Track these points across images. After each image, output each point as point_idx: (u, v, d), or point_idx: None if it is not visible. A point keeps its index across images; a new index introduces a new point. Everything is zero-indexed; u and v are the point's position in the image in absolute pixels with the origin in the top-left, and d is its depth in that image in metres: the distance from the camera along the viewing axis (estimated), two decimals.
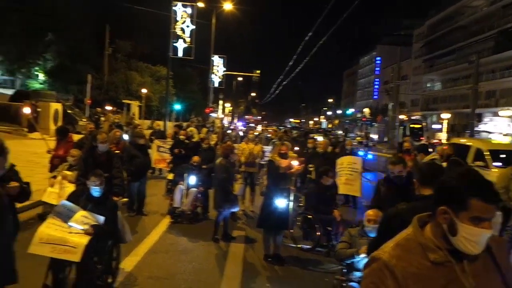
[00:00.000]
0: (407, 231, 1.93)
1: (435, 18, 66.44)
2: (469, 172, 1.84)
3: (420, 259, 1.81)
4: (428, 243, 1.84)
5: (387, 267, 1.80)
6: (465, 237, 1.77)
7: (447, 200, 1.81)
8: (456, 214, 1.77)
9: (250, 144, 11.35)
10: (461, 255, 1.81)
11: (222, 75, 43.35)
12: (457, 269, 1.79)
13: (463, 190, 1.76)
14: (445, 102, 62.02)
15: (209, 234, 8.43)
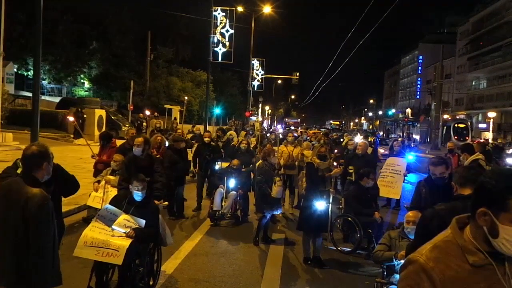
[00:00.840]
0: (446, 233, 1.88)
1: (480, 14, 64.46)
2: (508, 172, 1.78)
3: (459, 262, 1.76)
4: (467, 245, 1.79)
5: (424, 270, 1.76)
6: (507, 239, 1.71)
7: (486, 201, 1.76)
8: (497, 215, 1.72)
9: (289, 147, 11.34)
10: (503, 258, 1.76)
11: (261, 78, 43.51)
12: (499, 272, 1.74)
13: (503, 191, 1.71)
14: (491, 100, 60.02)
15: (248, 237, 8.49)
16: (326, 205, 7.17)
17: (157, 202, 6.23)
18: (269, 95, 73.08)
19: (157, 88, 42.30)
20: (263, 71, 43.57)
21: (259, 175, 8.32)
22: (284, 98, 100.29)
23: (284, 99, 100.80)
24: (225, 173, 10.06)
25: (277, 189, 8.10)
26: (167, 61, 45.90)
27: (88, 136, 18.81)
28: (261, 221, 8.35)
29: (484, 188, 1.78)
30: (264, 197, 8.15)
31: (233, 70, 48.62)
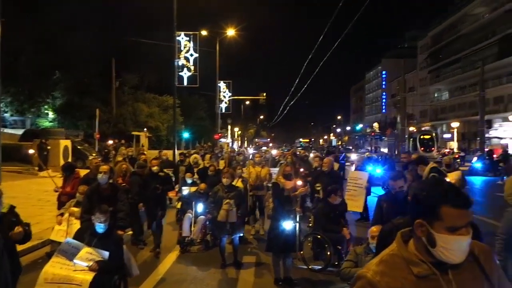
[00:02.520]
0: (392, 247, 1.92)
1: (438, 28, 66.67)
2: (438, 182, 1.82)
3: (405, 274, 1.79)
4: (411, 257, 1.83)
5: (371, 285, 1.80)
6: (444, 247, 1.75)
7: (421, 213, 1.81)
8: (432, 225, 1.76)
9: (257, 167, 11.34)
10: (446, 266, 1.79)
11: (229, 100, 43.64)
12: (442, 281, 1.77)
13: (434, 201, 1.75)
14: (454, 111, 61.74)
15: (219, 262, 8.38)
16: (293, 225, 7.16)
17: (121, 232, 6.11)
18: (238, 117, 73.25)
19: (123, 115, 41.90)
20: (230, 93, 43.74)
21: (211, 197, 8.34)
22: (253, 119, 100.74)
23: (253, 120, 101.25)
24: (193, 198, 9.97)
25: (223, 212, 7.99)
26: (132, 87, 45.61)
27: (54, 167, 18.37)
28: (220, 246, 8.31)
29: (417, 200, 1.83)
30: (213, 220, 8.14)
31: (200, 93, 48.62)
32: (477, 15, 56.13)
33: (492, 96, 50.06)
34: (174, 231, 10.60)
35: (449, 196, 1.74)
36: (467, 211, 1.75)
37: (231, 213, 8.11)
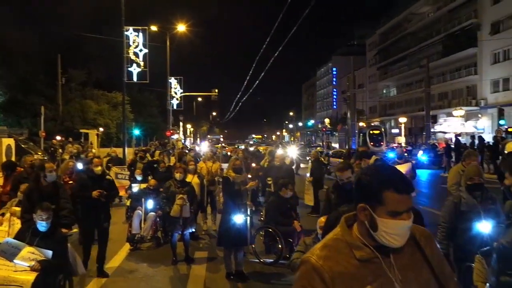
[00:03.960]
0: (335, 231, 1.93)
1: (386, 26, 68.49)
2: (381, 167, 1.84)
3: (347, 258, 1.81)
4: (354, 241, 1.84)
5: (315, 269, 1.80)
6: (385, 231, 1.77)
7: (364, 197, 1.82)
8: (374, 209, 1.78)
9: (208, 163, 11.25)
10: (388, 250, 1.81)
11: (180, 96, 43.13)
12: (384, 264, 1.79)
13: (377, 185, 1.77)
14: (401, 106, 63.63)
15: (170, 258, 8.25)
16: (244, 218, 7.14)
17: (65, 231, 5.89)
18: (190, 114, 72.66)
19: (71, 112, 40.58)
20: (182, 90, 43.23)
21: (163, 193, 8.24)
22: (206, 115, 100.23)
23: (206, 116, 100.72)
24: (143, 195, 9.78)
25: (177, 208, 7.92)
26: (80, 84, 44.23)
27: None
28: (171, 241, 8.24)
29: (361, 184, 1.84)
30: (166, 216, 8.05)
31: (151, 89, 47.81)
32: (422, 14, 58.04)
33: (437, 92, 51.94)
34: (123, 228, 10.35)
35: (392, 182, 1.76)
36: (408, 196, 1.78)
37: (185, 208, 8.06)
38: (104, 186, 7.43)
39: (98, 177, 7.53)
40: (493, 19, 42.26)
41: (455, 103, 47.65)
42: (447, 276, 1.98)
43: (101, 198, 7.24)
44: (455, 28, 48.23)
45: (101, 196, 7.22)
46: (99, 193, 7.17)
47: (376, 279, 1.77)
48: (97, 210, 7.30)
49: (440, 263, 1.96)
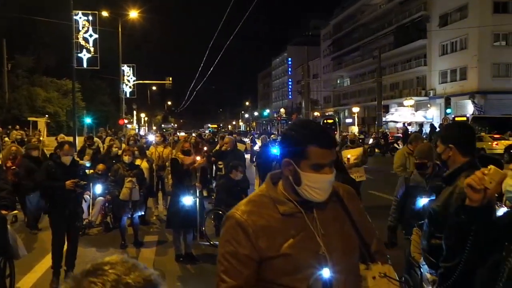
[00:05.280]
0: (261, 188, 1.97)
1: (339, 17, 69.50)
2: (305, 123, 1.88)
3: (271, 212, 1.84)
4: (279, 196, 1.87)
5: (239, 224, 1.82)
6: (308, 185, 1.81)
7: (289, 152, 1.85)
8: (298, 163, 1.81)
9: (159, 147, 11.12)
10: (312, 205, 1.86)
11: (133, 84, 42.35)
12: (307, 219, 1.83)
13: (301, 139, 1.81)
14: (355, 96, 64.97)
15: (119, 242, 8.15)
16: (193, 200, 7.12)
17: (5, 212, 5.68)
18: (144, 102, 71.49)
19: (18, 100, 39.03)
20: (135, 77, 42.45)
21: (111, 176, 8.14)
22: (160, 104, 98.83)
23: (160, 105, 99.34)
24: (91, 180, 9.57)
25: (126, 191, 7.85)
26: (28, 71, 42.55)
27: None
28: (119, 225, 8.16)
29: (286, 140, 1.88)
30: (115, 199, 7.95)
31: (103, 77, 46.57)
32: (375, 6, 59.23)
33: (389, 82, 53.35)
34: None
35: (315, 136, 1.79)
36: (331, 151, 1.82)
37: (134, 191, 8.00)
38: (77, 175, 6.49)
39: (69, 165, 6.50)
40: (441, 11, 43.67)
41: (405, 93, 49.08)
42: (370, 232, 2.06)
43: (76, 189, 6.33)
44: (405, 20, 49.57)
45: (76, 187, 6.30)
46: (73, 183, 6.24)
47: (298, 232, 1.81)
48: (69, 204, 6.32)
49: (362, 219, 2.03)
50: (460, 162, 2.92)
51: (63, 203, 6.29)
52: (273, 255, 1.78)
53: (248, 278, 1.80)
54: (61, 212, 6.30)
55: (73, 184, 6.25)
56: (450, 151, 2.96)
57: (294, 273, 1.77)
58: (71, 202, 6.37)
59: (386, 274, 1.92)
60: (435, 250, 2.93)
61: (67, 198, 6.29)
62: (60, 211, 6.31)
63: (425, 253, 3.19)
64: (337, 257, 1.82)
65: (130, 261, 1.06)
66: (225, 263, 1.82)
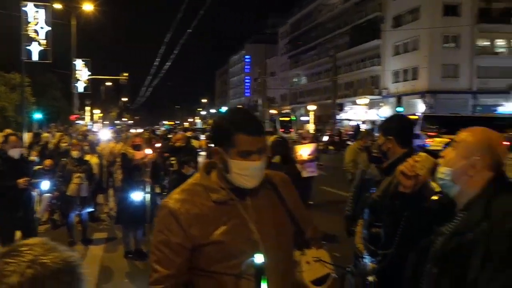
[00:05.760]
0: (194, 177, 1.98)
1: (297, 16, 70.13)
2: (233, 111, 1.90)
3: (203, 200, 1.84)
4: (212, 185, 1.88)
5: (171, 212, 1.82)
6: (237, 172, 1.83)
7: (218, 140, 1.88)
8: (227, 151, 1.83)
9: (110, 143, 10.90)
10: (245, 193, 1.87)
11: (87, 79, 41.28)
12: (240, 206, 1.85)
13: (228, 128, 1.82)
14: (311, 95, 65.70)
15: (67, 239, 7.93)
16: (143, 195, 7.01)
17: None
18: (99, 98, 69.88)
19: None
20: (90, 72, 41.37)
21: (59, 171, 7.99)
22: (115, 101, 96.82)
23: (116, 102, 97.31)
24: (37, 176, 9.25)
25: (74, 186, 7.66)
26: None
27: None
28: (67, 221, 7.97)
29: (215, 127, 1.91)
30: (62, 195, 7.77)
31: (55, 71, 45.14)
32: (332, 5, 60.09)
33: (344, 81, 54.26)
34: None
35: (242, 124, 1.80)
36: (258, 138, 1.82)
37: (83, 187, 7.81)
38: (29, 172, 6.07)
39: (18, 159, 6.04)
40: (395, 13, 44.81)
41: (360, 92, 50.11)
42: (305, 219, 2.08)
43: (29, 188, 5.91)
44: (361, 20, 50.56)
45: (30, 186, 5.88)
46: (27, 181, 5.80)
47: (230, 219, 1.82)
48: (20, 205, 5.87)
49: (297, 206, 2.05)
50: (399, 153, 2.99)
51: (15, 204, 5.78)
52: (206, 243, 1.79)
53: (181, 267, 1.82)
54: (13, 215, 5.77)
55: (26, 183, 5.82)
56: (390, 143, 3.04)
57: (227, 260, 1.78)
58: (24, 203, 5.91)
59: (320, 258, 1.95)
60: (375, 239, 3.01)
61: (19, 198, 5.82)
62: (10, 213, 5.76)
63: (365, 242, 3.26)
64: (270, 243, 1.83)
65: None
66: (158, 253, 1.83)
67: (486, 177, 1.82)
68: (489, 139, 1.84)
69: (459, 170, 1.85)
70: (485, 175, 1.82)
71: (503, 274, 1.61)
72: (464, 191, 1.86)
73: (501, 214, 1.68)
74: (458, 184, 1.86)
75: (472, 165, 1.82)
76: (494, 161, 1.82)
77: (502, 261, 1.62)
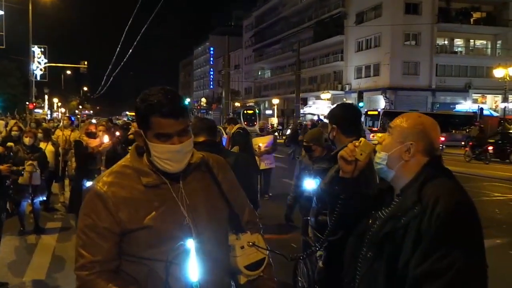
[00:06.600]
0: (125, 159, 1.90)
1: (261, 9, 70.08)
2: (150, 93, 1.79)
3: (134, 184, 1.79)
4: (143, 167, 1.82)
5: (98, 195, 1.77)
6: (156, 156, 1.77)
7: (138, 122, 1.81)
8: (146, 134, 1.77)
9: (66, 131, 10.63)
10: (177, 176, 1.83)
11: (45, 67, 40.08)
12: (172, 190, 1.80)
13: (144, 110, 1.76)
14: (275, 88, 65.97)
15: (17, 229, 7.73)
16: None
17: None
18: (58, 87, 68.03)
19: None
20: (47, 60, 40.18)
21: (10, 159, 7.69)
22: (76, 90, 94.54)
23: (76, 91, 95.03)
24: None
25: (26, 175, 7.44)
26: None
27: None
28: (18, 210, 7.75)
29: (135, 110, 1.82)
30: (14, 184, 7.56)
31: (11, 58, 43.69)
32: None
33: (308, 76, 54.67)
34: None
35: (157, 106, 1.73)
36: (176, 120, 1.75)
37: (35, 175, 7.54)
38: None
39: None
40: (358, 9, 45.43)
41: (323, 87, 50.65)
42: (240, 202, 2.05)
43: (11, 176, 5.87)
44: (325, 15, 50.99)
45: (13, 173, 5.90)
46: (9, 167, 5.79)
47: (162, 204, 1.77)
48: None
49: (233, 190, 2.02)
50: (345, 142, 3.05)
51: None
52: (135, 228, 1.74)
53: (108, 253, 1.75)
54: None
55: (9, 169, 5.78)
56: (334, 131, 3.09)
57: (158, 246, 1.74)
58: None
59: (255, 243, 1.93)
60: (322, 226, 3.06)
61: None
62: None
63: (313, 230, 3.32)
64: (202, 227, 1.81)
65: None
66: (84, 237, 1.76)
67: (421, 162, 1.87)
68: (422, 124, 1.89)
69: (394, 155, 1.89)
70: (420, 160, 1.87)
71: (432, 257, 1.65)
72: (400, 176, 1.90)
73: (432, 198, 1.73)
74: (393, 169, 1.90)
75: (407, 150, 1.86)
76: (428, 146, 1.87)
77: (431, 244, 1.67)
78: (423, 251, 1.68)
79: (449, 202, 1.69)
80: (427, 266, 1.65)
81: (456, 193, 1.76)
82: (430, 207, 1.70)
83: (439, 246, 1.65)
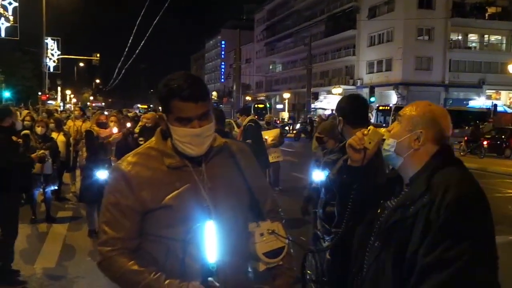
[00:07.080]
0: (150, 141, 1.96)
1: (273, 3, 69.75)
2: (172, 77, 1.82)
3: (157, 165, 1.84)
4: (167, 150, 1.87)
5: (123, 175, 1.83)
6: (177, 139, 1.82)
7: (161, 106, 1.87)
8: (168, 117, 1.82)
9: (77, 122, 10.71)
10: (200, 160, 1.87)
11: (58, 59, 40.37)
12: (194, 173, 1.84)
13: (165, 93, 1.80)
14: (286, 83, 65.81)
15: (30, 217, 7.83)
16: (107, 174, 6.94)
17: None
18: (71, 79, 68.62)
19: None
20: (60, 51, 40.45)
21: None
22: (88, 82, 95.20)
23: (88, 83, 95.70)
24: None
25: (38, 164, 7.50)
26: None
27: None
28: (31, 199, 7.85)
29: (157, 94, 1.88)
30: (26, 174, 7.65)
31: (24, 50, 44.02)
32: None
33: (319, 70, 54.46)
34: None
35: (177, 90, 1.76)
36: (196, 104, 1.77)
37: (47, 164, 7.62)
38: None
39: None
40: (370, 4, 45.05)
41: (335, 81, 50.40)
42: (263, 190, 2.07)
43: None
44: (337, 9, 50.65)
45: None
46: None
47: (183, 185, 1.81)
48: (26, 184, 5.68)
49: (255, 177, 2.04)
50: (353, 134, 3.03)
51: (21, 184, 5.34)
52: (156, 207, 1.79)
53: (130, 230, 1.81)
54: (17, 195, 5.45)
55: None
56: (342, 123, 3.07)
57: (177, 225, 1.78)
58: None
59: (275, 231, 1.94)
60: (330, 217, 3.05)
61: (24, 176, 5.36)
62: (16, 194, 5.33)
63: (321, 221, 3.31)
64: (222, 211, 1.83)
65: None
66: (108, 214, 1.83)
67: (430, 150, 1.85)
68: (432, 112, 1.87)
69: (404, 143, 1.87)
70: (430, 149, 1.85)
71: (441, 247, 1.64)
72: (409, 165, 1.88)
73: (442, 187, 1.71)
74: (402, 156, 1.88)
75: (416, 138, 1.85)
76: (438, 134, 1.85)
77: (440, 234, 1.65)
78: (432, 241, 1.66)
79: (459, 192, 1.67)
80: (436, 255, 1.64)
81: (466, 183, 1.74)
82: (440, 196, 1.69)
83: (448, 235, 1.64)
